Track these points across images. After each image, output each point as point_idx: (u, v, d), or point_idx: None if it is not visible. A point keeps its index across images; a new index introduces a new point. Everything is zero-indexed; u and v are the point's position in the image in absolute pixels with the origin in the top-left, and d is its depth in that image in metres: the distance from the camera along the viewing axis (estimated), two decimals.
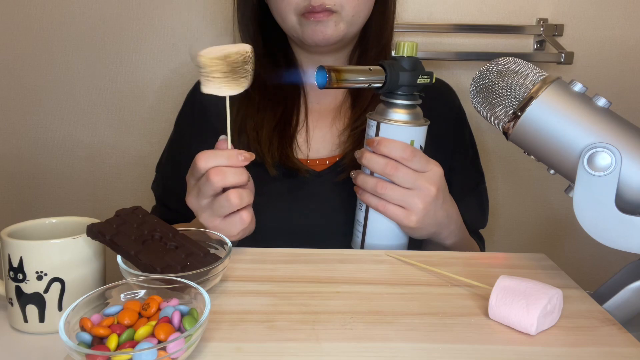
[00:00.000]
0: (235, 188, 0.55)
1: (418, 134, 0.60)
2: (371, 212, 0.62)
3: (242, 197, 0.55)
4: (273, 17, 0.73)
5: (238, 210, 0.55)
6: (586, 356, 0.40)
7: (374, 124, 0.60)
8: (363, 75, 0.58)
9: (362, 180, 0.61)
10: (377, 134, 0.60)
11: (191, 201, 0.57)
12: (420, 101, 0.61)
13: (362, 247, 0.64)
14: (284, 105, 0.76)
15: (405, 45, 0.59)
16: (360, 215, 0.64)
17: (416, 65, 0.59)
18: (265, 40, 0.78)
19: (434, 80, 0.60)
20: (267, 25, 0.76)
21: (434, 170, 0.59)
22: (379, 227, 0.62)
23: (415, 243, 0.68)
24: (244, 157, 0.55)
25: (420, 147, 0.61)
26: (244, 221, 0.56)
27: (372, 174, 0.60)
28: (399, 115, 0.59)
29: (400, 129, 0.59)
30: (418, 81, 0.59)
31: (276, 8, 0.71)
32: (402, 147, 0.58)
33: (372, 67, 0.58)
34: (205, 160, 0.54)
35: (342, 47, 0.76)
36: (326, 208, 0.72)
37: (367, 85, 0.58)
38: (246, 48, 0.54)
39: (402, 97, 0.59)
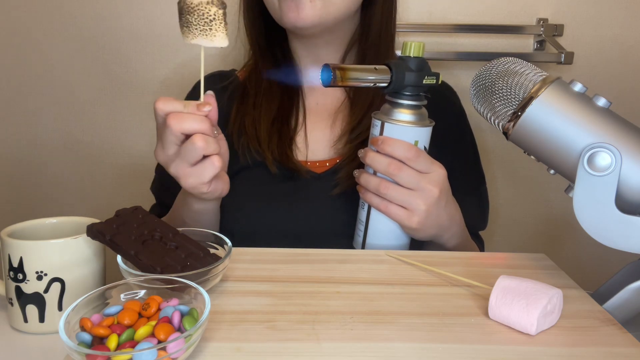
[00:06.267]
0: (199, 133, 0.54)
1: (422, 135, 0.60)
2: (373, 211, 0.62)
3: (207, 141, 0.54)
4: None
5: (209, 155, 0.55)
6: (586, 356, 0.40)
7: (378, 123, 0.60)
8: (368, 75, 0.57)
9: (365, 179, 0.61)
10: (381, 133, 0.60)
11: (159, 154, 0.57)
12: (425, 102, 0.61)
13: (363, 246, 0.64)
14: (280, 101, 0.76)
15: (412, 45, 0.58)
16: (362, 215, 0.64)
17: (423, 65, 0.59)
18: (266, 36, 0.78)
19: (440, 82, 0.60)
20: (270, 22, 0.76)
21: (438, 172, 0.59)
22: (381, 227, 0.62)
23: (416, 244, 0.68)
24: (201, 106, 0.54)
25: (425, 148, 0.61)
26: (215, 166, 0.55)
27: (375, 173, 0.60)
28: (403, 115, 0.59)
29: (404, 129, 0.59)
30: (424, 82, 0.58)
31: None
32: (406, 147, 0.58)
33: (377, 67, 0.58)
34: (162, 103, 0.54)
35: (328, 32, 0.74)
36: (326, 211, 0.72)
37: (372, 84, 0.58)
38: None
39: (407, 98, 0.59)
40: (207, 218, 0.67)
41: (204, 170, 0.55)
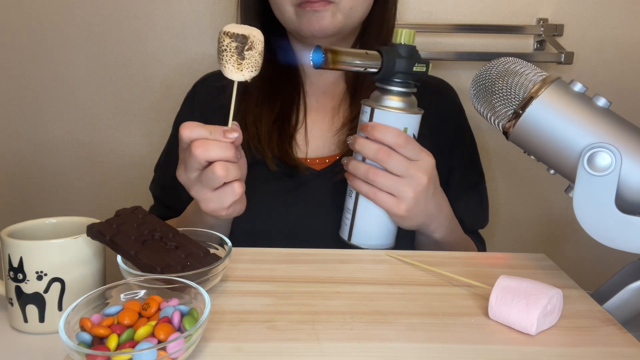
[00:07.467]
0: (221, 161, 0.54)
1: (411, 122, 0.60)
2: (361, 199, 0.62)
3: (228, 170, 0.54)
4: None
5: (230, 182, 0.55)
6: (586, 356, 0.40)
7: (368, 109, 0.60)
8: (359, 59, 0.57)
9: (354, 166, 0.60)
10: (370, 119, 0.60)
11: (180, 175, 0.57)
12: (415, 90, 0.60)
13: (350, 234, 0.63)
14: (282, 99, 0.76)
15: (402, 32, 0.58)
16: (349, 203, 0.63)
17: (413, 53, 0.58)
18: (266, 35, 0.78)
19: (430, 70, 0.60)
20: (268, 21, 0.76)
21: (426, 160, 0.59)
22: (368, 215, 0.62)
23: (406, 238, 0.68)
24: (228, 133, 0.54)
25: (414, 135, 0.61)
26: (236, 192, 0.55)
27: (364, 160, 0.60)
28: (393, 102, 0.59)
29: (393, 115, 0.59)
30: (414, 69, 0.58)
31: (274, 1, 0.71)
32: (395, 133, 0.57)
33: (369, 52, 0.58)
34: (189, 130, 0.54)
35: (340, 40, 0.76)
36: (326, 207, 0.72)
37: (362, 69, 0.58)
38: (253, 32, 0.54)
39: (397, 84, 0.59)
40: (219, 231, 0.67)
41: (224, 196, 0.55)
